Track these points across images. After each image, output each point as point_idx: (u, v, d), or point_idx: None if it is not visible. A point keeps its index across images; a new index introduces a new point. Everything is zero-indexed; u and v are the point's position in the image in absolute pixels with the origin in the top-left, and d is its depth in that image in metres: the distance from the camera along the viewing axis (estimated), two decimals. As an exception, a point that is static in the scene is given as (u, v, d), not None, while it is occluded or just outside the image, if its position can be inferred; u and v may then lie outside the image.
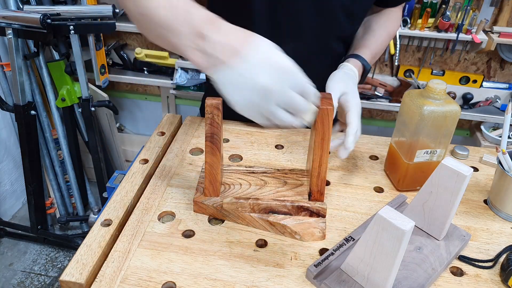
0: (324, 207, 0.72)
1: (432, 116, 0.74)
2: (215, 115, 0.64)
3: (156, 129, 1.00)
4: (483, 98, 1.94)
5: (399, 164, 0.82)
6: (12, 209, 2.14)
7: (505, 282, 0.65)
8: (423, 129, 0.76)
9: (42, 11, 1.52)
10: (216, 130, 0.65)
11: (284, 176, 0.79)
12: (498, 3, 1.76)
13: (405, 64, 1.96)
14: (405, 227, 0.53)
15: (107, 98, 1.84)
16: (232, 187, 0.75)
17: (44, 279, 1.86)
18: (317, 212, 0.72)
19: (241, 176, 0.78)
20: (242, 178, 0.78)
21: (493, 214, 0.81)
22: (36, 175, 1.80)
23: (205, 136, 0.66)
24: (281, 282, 0.64)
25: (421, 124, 0.75)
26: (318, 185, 0.71)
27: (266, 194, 0.74)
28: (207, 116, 0.64)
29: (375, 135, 1.03)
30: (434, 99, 0.75)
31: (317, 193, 0.72)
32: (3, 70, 1.74)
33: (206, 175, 0.70)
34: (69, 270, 0.63)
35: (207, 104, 0.63)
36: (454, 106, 0.75)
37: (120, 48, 2.03)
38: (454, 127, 0.78)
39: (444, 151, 0.80)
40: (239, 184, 0.76)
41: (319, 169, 0.70)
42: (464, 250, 0.72)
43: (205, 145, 0.67)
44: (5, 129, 2.00)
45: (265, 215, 0.72)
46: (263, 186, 0.76)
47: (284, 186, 0.76)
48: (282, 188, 0.76)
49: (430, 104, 0.74)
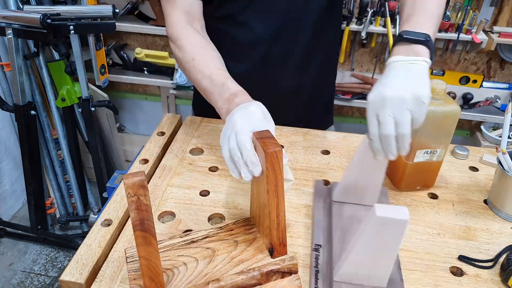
0: (295, 263, 0.62)
1: (432, 116, 0.73)
2: (140, 196, 0.50)
3: (156, 129, 1.00)
4: (483, 98, 1.93)
5: (398, 164, 0.82)
6: (12, 209, 2.14)
7: (505, 282, 0.65)
8: (423, 129, 0.73)
9: (42, 11, 1.52)
10: (145, 214, 0.51)
11: (232, 235, 0.67)
12: (498, 3, 1.76)
13: (405, 64, 1.96)
14: (405, 216, 0.54)
15: (107, 98, 1.84)
16: (176, 271, 0.60)
17: (44, 279, 1.86)
18: (289, 271, 0.62)
19: (181, 252, 0.63)
20: (183, 254, 0.63)
21: (493, 214, 0.81)
22: (36, 175, 1.80)
23: (132, 225, 0.51)
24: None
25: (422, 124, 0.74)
26: (280, 238, 0.62)
27: (222, 267, 0.61)
28: (131, 199, 0.50)
29: (375, 135, 1.03)
30: (434, 99, 0.74)
31: (280, 246, 0.62)
32: (3, 70, 1.74)
33: (143, 271, 0.54)
34: (69, 270, 0.63)
35: (128, 184, 0.49)
36: (454, 106, 0.75)
37: (120, 48, 2.03)
38: (454, 127, 0.78)
39: (444, 151, 0.80)
40: (183, 265, 0.61)
41: (278, 219, 0.60)
42: (464, 250, 0.72)
43: (135, 236, 0.52)
44: (5, 129, 2.00)
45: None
46: (213, 257, 0.63)
47: (237, 248, 0.64)
48: (236, 252, 0.64)
49: (430, 104, 0.74)
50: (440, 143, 0.79)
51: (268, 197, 0.59)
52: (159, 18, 1.86)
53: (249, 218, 0.70)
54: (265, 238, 0.64)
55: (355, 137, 1.02)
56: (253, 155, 0.60)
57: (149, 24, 1.88)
